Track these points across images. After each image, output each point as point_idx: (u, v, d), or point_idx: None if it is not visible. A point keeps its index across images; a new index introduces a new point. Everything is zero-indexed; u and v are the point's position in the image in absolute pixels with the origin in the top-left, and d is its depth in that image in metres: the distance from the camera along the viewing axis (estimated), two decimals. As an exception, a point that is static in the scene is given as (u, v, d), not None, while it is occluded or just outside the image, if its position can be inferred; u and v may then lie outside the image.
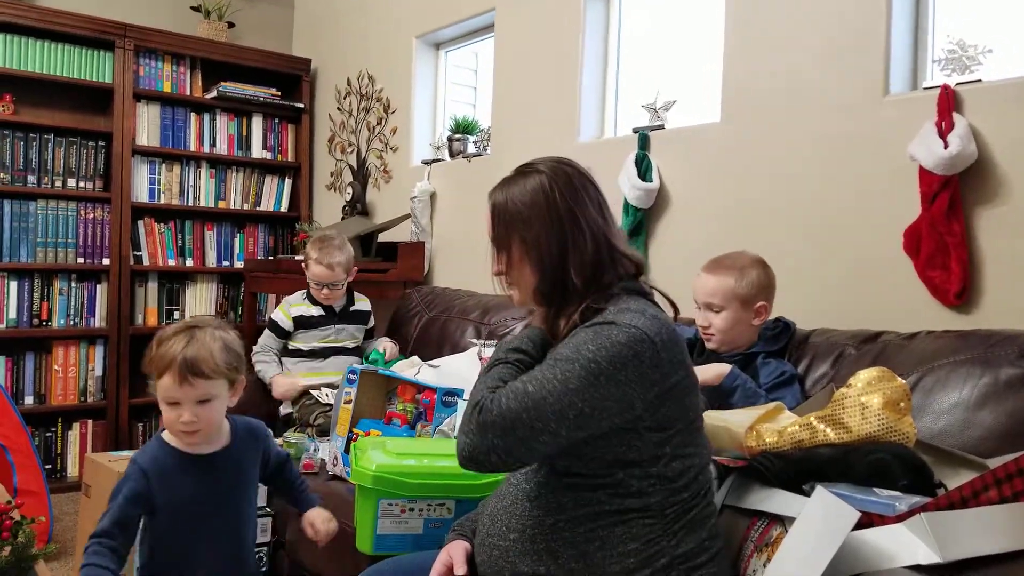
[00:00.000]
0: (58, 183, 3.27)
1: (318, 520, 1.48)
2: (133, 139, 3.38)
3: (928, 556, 0.99)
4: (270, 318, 2.57)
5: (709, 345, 1.73)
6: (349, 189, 3.38)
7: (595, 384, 1.02)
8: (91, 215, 3.33)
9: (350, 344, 2.57)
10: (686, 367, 1.10)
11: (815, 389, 1.64)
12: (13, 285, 3.18)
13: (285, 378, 2.42)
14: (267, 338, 2.53)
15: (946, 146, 1.64)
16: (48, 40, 3.23)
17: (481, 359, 2.18)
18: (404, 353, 2.65)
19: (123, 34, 3.34)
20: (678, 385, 1.08)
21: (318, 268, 2.44)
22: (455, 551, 1.21)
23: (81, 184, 3.32)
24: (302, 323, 2.50)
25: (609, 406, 1.03)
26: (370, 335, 2.67)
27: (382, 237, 3.15)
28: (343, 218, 3.38)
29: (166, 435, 1.38)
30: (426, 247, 3.15)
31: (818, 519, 1.06)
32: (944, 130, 1.66)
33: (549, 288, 1.15)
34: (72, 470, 3.27)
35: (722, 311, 1.68)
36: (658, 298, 1.21)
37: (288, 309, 2.52)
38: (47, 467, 3.17)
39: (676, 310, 1.25)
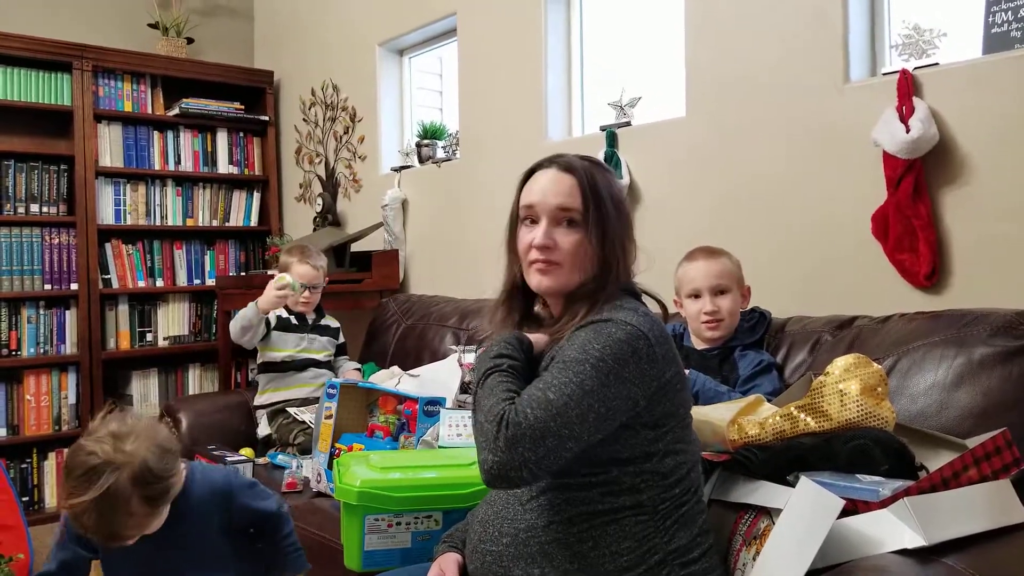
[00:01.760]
0: (20, 210, 3.19)
1: None
2: (96, 161, 3.32)
3: (913, 540, 1.00)
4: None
5: (716, 332, 1.70)
6: (319, 200, 3.34)
7: (606, 383, 1.02)
8: (56, 240, 3.25)
9: (323, 356, 2.54)
10: (677, 363, 1.12)
11: (794, 377, 1.65)
12: (-21, 316, 3.10)
13: (267, 289, 2.31)
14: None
15: (908, 130, 1.67)
16: (2, 65, 3.15)
17: (461, 365, 2.17)
18: (383, 364, 2.63)
19: (80, 55, 3.27)
20: (671, 381, 1.09)
21: (303, 267, 2.45)
22: (447, 564, 1.20)
23: (44, 209, 3.24)
24: (279, 324, 2.48)
25: (618, 405, 1.03)
26: (342, 350, 2.64)
27: (355, 247, 3.12)
28: (315, 229, 3.34)
29: None
30: (400, 255, 3.13)
31: (804, 510, 1.07)
32: (905, 114, 1.69)
33: (594, 283, 1.15)
34: (50, 501, 3.20)
35: (728, 293, 1.70)
36: (646, 299, 1.22)
37: None
38: (24, 499, 3.10)
39: (665, 312, 1.25)
